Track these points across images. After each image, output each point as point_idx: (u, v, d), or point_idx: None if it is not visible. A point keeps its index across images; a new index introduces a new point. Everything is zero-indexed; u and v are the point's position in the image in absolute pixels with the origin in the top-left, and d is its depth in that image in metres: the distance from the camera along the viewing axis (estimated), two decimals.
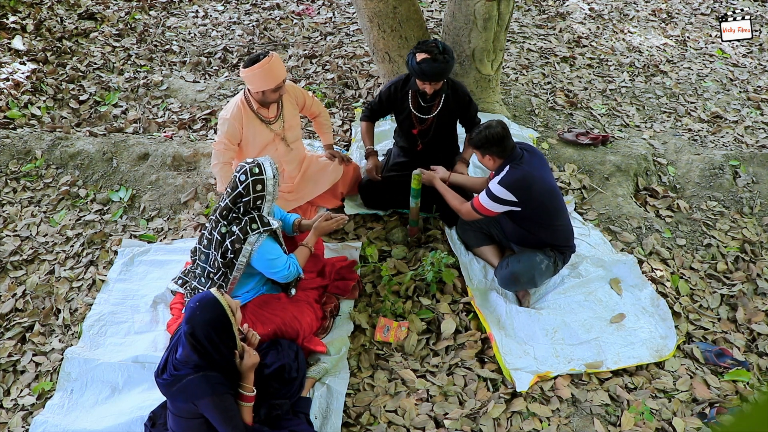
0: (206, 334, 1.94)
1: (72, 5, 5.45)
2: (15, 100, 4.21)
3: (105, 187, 3.57)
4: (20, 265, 3.11)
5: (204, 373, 1.96)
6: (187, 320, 1.97)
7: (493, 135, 2.58)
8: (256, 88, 2.84)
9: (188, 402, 1.97)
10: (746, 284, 3.12)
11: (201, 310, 1.96)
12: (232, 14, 5.68)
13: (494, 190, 2.62)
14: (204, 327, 1.94)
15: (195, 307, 1.97)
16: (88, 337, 2.69)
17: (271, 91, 2.84)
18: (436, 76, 2.84)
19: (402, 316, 2.78)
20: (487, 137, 2.59)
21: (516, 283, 2.80)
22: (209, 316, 1.95)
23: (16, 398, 2.52)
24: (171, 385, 1.98)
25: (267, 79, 2.78)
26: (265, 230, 2.42)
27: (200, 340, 1.94)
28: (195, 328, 1.94)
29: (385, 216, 3.33)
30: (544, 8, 6.05)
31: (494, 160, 2.67)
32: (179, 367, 1.98)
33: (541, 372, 2.53)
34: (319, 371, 2.47)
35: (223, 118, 2.95)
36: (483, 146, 2.63)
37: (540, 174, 2.66)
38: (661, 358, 2.65)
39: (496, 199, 2.62)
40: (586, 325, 2.75)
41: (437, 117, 3.10)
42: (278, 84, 2.82)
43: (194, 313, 1.96)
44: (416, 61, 2.81)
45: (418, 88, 3.03)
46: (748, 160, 3.84)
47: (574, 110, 4.46)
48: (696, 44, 5.64)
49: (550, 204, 2.70)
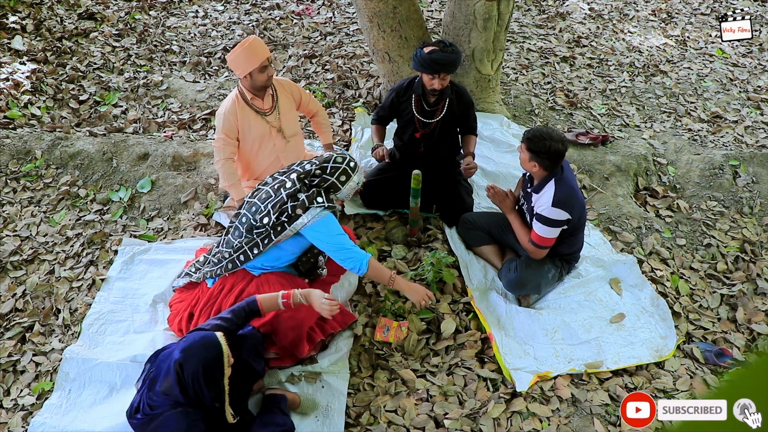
0: (195, 371, 1.83)
1: (72, 5, 5.45)
2: (15, 100, 4.21)
3: (105, 187, 3.57)
4: (20, 265, 3.11)
5: (183, 408, 1.85)
6: (183, 350, 1.86)
7: (556, 151, 2.50)
8: (242, 71, 2.84)
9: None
10: (746, 284, 3.12)
11: (200, 347, 1.86)
12: (232, 14, 5.68)
13: (549, 215, 2.56)
14: (196, 364, 1.83)
15: (195, 340, 1.88)
16: (87, 336, 2.69)
17: (258, 71, 2.81)
18: (446, 66, 2.83)
19: (402, 316, 2.78)
20: (549, 150, 2.49)
21: (522, 288, 2.82)
22: (205, 355, 1.85)
23: (16, 398, 2.52)
24: (146, 424, 1.87)
25: (250, 58, 2.78)
26: (328, 206, 2.43)
27: (187, 375, 1.83)
28: (187, 361, 1.83)
29: (385, 216, 3.33)
30: (544, 8, 6.05)
31: (539, 170, 2.60)
32: (155, 403, 1.87)
33: (541, 372, 2.53)
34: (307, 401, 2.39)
35: (219, 114, 2.98)
36: (541, 155, 2.53)
37: (576, 185, 2.65)
38: (661, 358, 2.64)
39: (553, 223, 2.58)
40: (586, 325, 2.75)
41: (441, 121, 3.09)
42: (262, 62, 2.79)
43: (192, 346, 1.86)
44: (425, 53, 2.82)
45: (421, 92, 3.02)
46: (748, 160, 3.84)
47: (574, 110, 4.46)
48: (696, 44, 5.64)
49: (582, 216, 2.71)
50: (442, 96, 3.03)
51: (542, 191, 2.62)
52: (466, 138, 3.24)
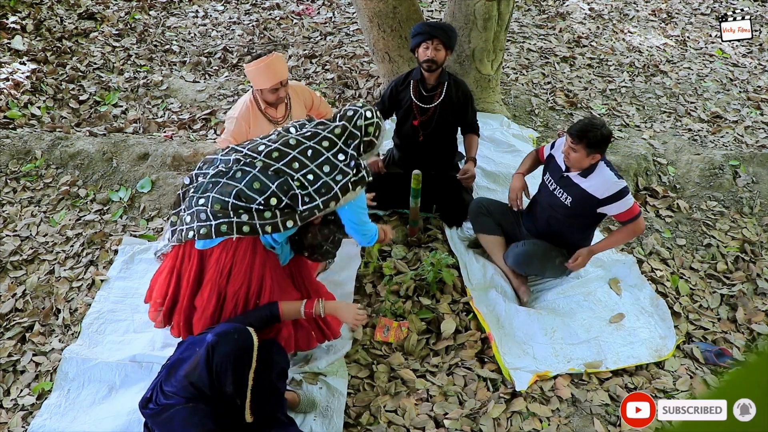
0: (226, 354, 1.81)
1: (72, 5, 5.45)
2: (15, 100, 4.21)
3: (105, 187, 3.57)
4: (20, 265, 3.11)
5: (195, 404, 1.83)
6: (218, 334, 1.85)
7: (609, 133, 2.52)
8: (256, 85, 2.83)
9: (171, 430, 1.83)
10: (746, 284, 3.12)
11: (235, 333, 1.85)
12: (232, 14, 5.68)
13: (625, 185, 2.57)
14: (228, 348, 1.81)
15: (230, 328, 1.87)
16: (87, 335, 2.69)
17: (268, 91, 2.78)
18: (438, 29, 2.89)
19: (402, 316, 2.78)
20: (604, 136, 2.50)
21: (527, 265, 2.81)
22: (239, 343, 1.84)
23: (16, 398, 2.52)
24: (158, 414, 1.86)
25: (265, 77, 2.75)
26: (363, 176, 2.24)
27: (217, 358, 1.82)
28: (220, 344, 1.82)
29: (385, 216, 3.33)
30: (544, 8, 6.05)
31: (597, 157, 2.58)
32: (170, 392, 1.86)
33: (540, 371, 2.53)
34: (306, 400, 2.38)
35: (231, 117, 2.93)
36: (601, 144, 2.52)
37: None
38: (660, 358, 2.64)
39: (625, 191, 2.58)
40: (585, 324, 2.75)
41: (439, 106, 3.10)
42: (274, 85, 2.75)
43: (227, 331, 1.85)
44: (419, 23, 2.94)
45: (420, 77, 3.04)
46: (748, 160, 3.84)
47: (574, 110, 4.46)
48: (696, 44, 5.64)
49: None
50: (440, 80, 3.04)
51: (593, 174, 2.60)
52: (467, 138, 3.24)
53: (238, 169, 2.13)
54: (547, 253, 2.79)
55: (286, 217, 2.11)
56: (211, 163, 2.25)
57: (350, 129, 2.27)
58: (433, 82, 3.05)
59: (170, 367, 1.94)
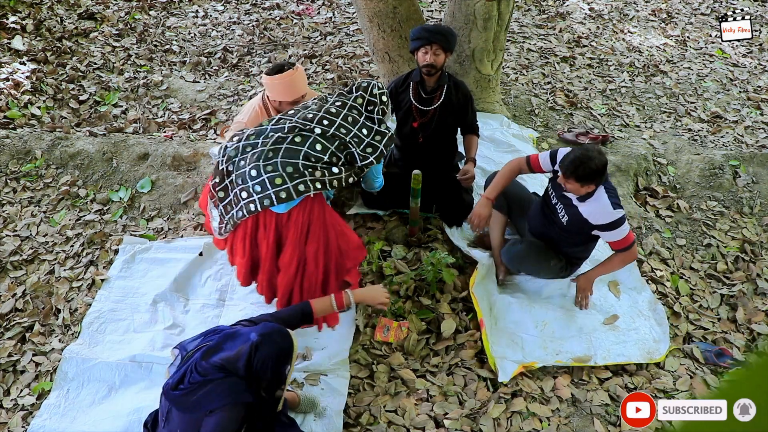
0: (269, 354, 1.85)
1: (72, 5, 5.45)
2: (15, 100, 4.21)
3: (105, 187, 3.57)
4: (20, 265, 3.11)
5: (233, 378, 1.85)
6: (262, 334, 1.88)
7: (603, 164, 2.36)
8: (274, 96, 2.83)
9: (199, 412, 1.81)
10: (746, 284, 3.12)
11: (279, 335, 1.89)
12: (232, 14, 5.68)
13: (621, 215, 2.47)
14: (272, 348, 1.86)
15: (274, 329, 1.90)
16: (87, 334, 2.69)
17: (288, 103, 2.80)
18: (437, 33, 2.87)
19: (402, 316, 2.78)
20: (598, 169, 2.34)
21: (518, 264, 2.80)
22: (282, 344, 1.88)
23: (16, 398, 2.52)
24: (190, 393, 1.84)
25: (286, 92, 2.76)
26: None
27: (259, 357, 1.85)
28: (264, 344, 1.86)
29: (385, 216, 3.33)
30: (544, 8, 6.05)
31: (592, 187, 2.45)
32: (206, 371, 1.85)
33: (526, 363, 2.53)
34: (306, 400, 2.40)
35: (239, 121, 2.92)
36: (595, 177, 2.37)
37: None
38: (651, 361, 2.64)
39: (621, 221, 2.48)
40: (578, 321, 2.75)
41: (439, 109, 3.10)
42: (296, 99, 2.78)
43: (271, 333, 1.89)
44: (418, 28, 2.92)
45: (419, 79, 3.04)
46: (748, 160, 3.84)
47: (574, 110, 4.46)
48: (696, 44, 5.64)
49: None
50: (439, 83, 3.04)
51: (591, 199, 2.50)
52: (467, 139, 3.24)
53: (297, 135, 2.38)
54: (542, 256, 2.77)
55: (348, 173, 2.45)
56: (258, 134, 2.41)
57: (368, 98, 2.59)
58: (432, 85, 3.05)
59: (205, 353, 1.93)
